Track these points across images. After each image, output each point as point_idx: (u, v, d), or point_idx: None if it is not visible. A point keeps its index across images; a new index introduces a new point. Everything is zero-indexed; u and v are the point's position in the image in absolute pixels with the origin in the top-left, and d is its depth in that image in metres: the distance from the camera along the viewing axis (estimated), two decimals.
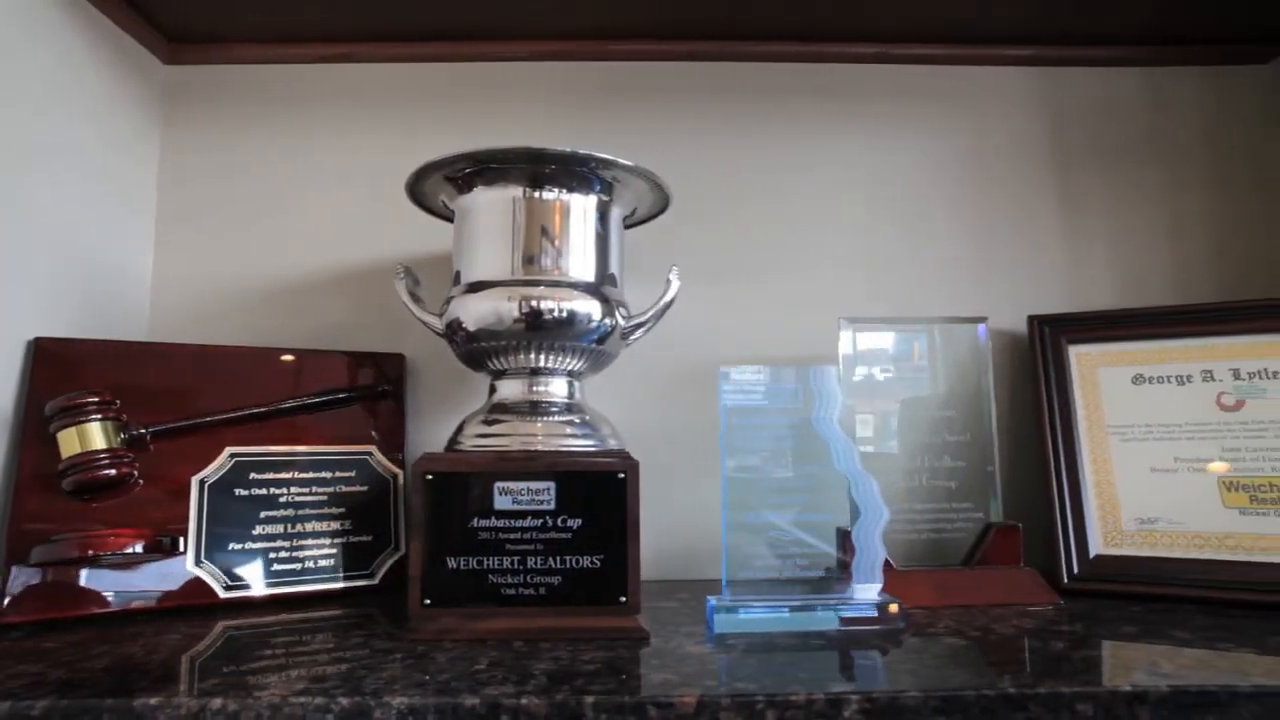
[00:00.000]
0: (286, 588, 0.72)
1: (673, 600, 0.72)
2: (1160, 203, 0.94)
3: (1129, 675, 0.51)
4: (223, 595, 0.70)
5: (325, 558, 0.75)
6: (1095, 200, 0.94)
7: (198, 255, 0.90)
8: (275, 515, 0.74)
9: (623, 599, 0.60)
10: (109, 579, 0.66)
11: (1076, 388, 0.81)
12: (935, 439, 0.79)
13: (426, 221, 0.80)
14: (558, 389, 0.70)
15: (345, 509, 0.76)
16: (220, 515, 0.72)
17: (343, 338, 0.87)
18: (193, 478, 0.71)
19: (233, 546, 0.71)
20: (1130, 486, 0.76)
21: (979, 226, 0.93)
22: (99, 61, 0.82)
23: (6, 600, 0.63)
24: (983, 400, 0.79)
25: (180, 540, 0.69)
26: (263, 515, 0.73)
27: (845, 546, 0.65)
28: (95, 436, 0.66)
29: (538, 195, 0.68)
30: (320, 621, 0.66)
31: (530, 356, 0.68)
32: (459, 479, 0.61)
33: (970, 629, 0.62)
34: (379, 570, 0.76)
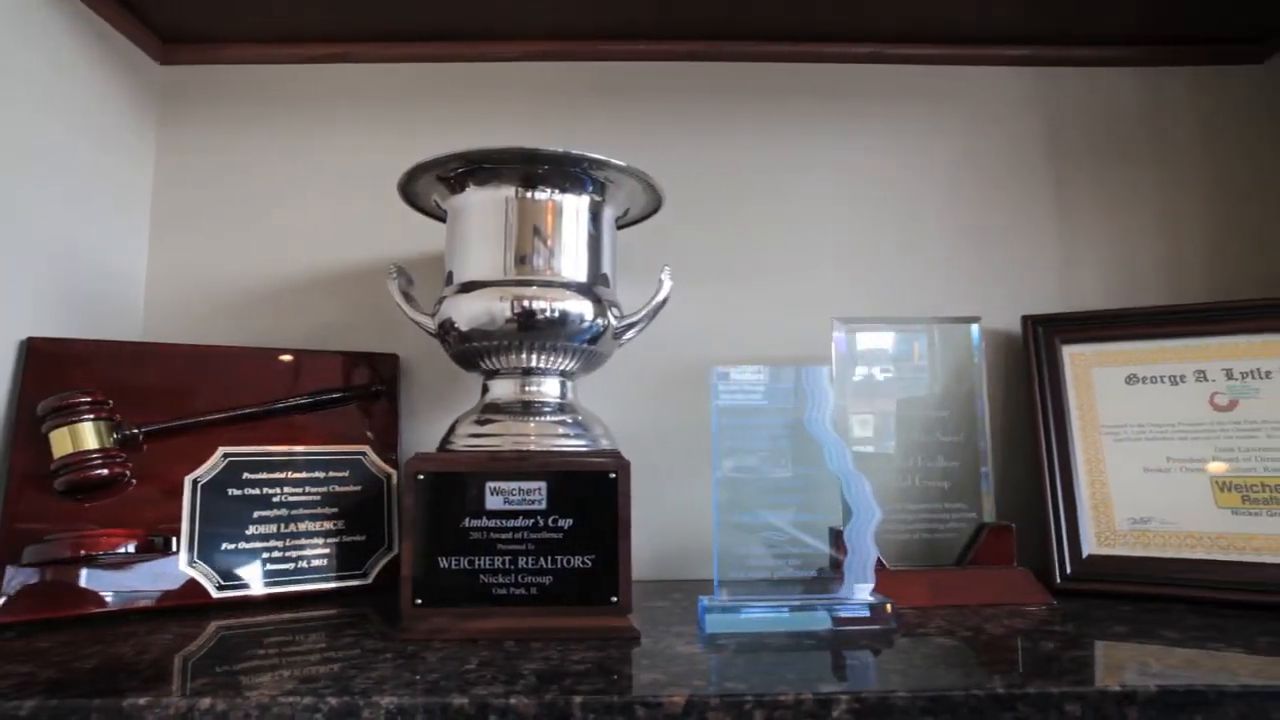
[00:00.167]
0: (280, 587, 0.72)
1: (665, 600, 0.72)
2: (1154, 202, 0.94)
3: (1118, 675, 0.51)
4: (215, 595, 0.70)
5: (318, 557, 0.75)
6: (1089, 200, 0.94)
7: (192, 255, 0.90)
8: (268, 515, 0.74)
9: (614, 599, 0.60)
10: (101, 579, 0.66)
11: (1070, 387, 0.81)
12: (929, 439, 0.79)
13: (420, 222, 0.80)
14: (550, 389, 0.70)
15: (339, 509, 0.76)
16: (213, 515, 0.72)
17: (337, 338, 0.87)
18: (186, 478, 0.71)
19: (226, 546, 0.71)
20: (1123, 486, 0.76)
21: (973, 226, 0.93)
22: (92, 62, 0.82)
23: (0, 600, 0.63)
24: (976, 400, 0.79)
25: (173, 540, 0.69)
26: (256, 515, 0.73)
27: (838, 547, 0.65)
28: (87, 436, 0.66)
29: (530, 195, 0.68)
30: (313, 621, 0.66)
31: (522, 356, 0.68)
32: (450, 479, 0.61)
33: (962, 629, 0.62)
34: (372, 570, 0.76)
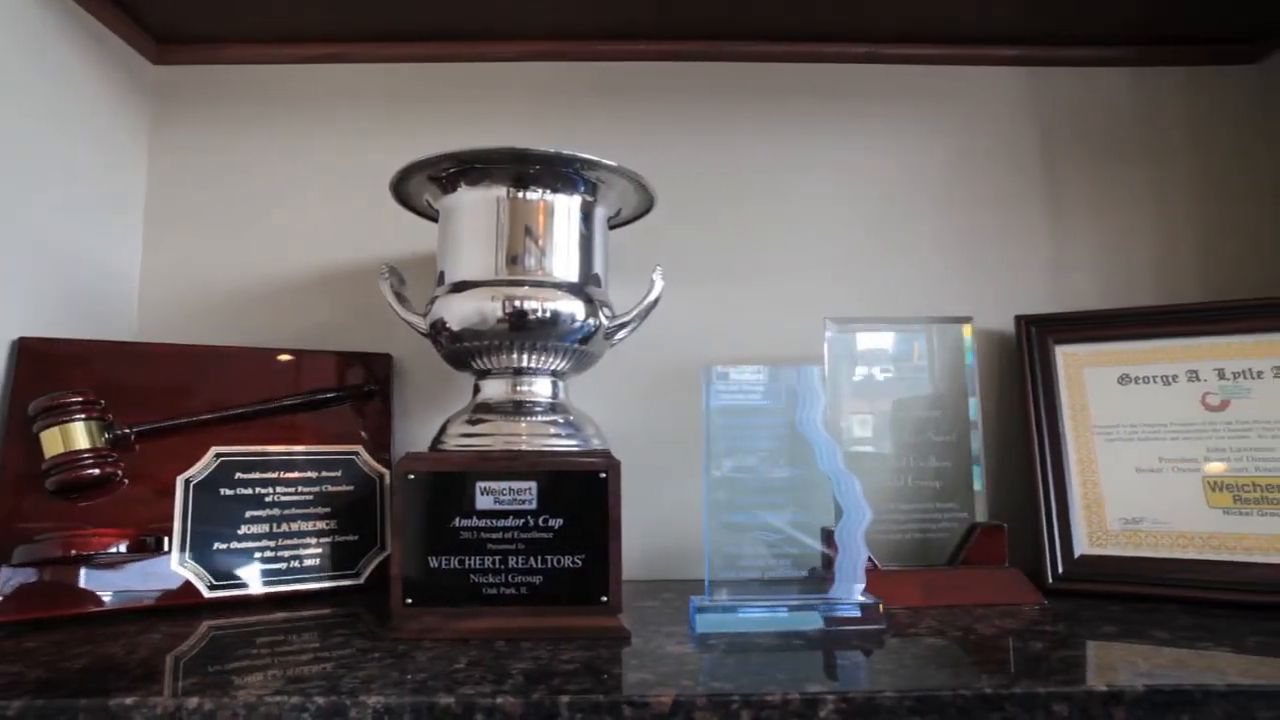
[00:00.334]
0: (272, 587, 0.72)
1: (656, 600, 0.72)
2: (1148, 203, 0.94)
3: (1106, 675, 0.51)
4: (207, 595, 0.70)
5: (311, 557, 0.75)
6: (1083, 200, 0.94)
7: (186, 255, 0.90)
8: (261, 515, 0.74)
9: (604, 599, 0.61)
10: (93, 578, 0.66)
11: (1063, 388, 0.81)
12: (921, 439, 0.79)
13: (414, 222, 0.80)
14: (541, 389, 0.70)
15: (331, 509, 0.76)
16: (205, 515, 0.72)
17: (330, 337, 0.87)
18: (178, 477, 0.72)
19: (218, 546, 0.71)
20: (1115, 486, 0.76)
21: (967, 226, 0.93)
22: (86, 62, 0.82)
23: None
24: (968, 400, 0.79)
25: (165, 540, 0.69)
26: (248, 515, 0.73)
27: (829, 547, 0.65)
28: (79, 436, 0.66)
29: (522, 195, 0.68)
30: (304, 621, 0.66)
31: (514, 356, 0.68)
32: (441, 479, 0.61)
33: (952, 629, 0.62)
34: (365, 570, 0.76)
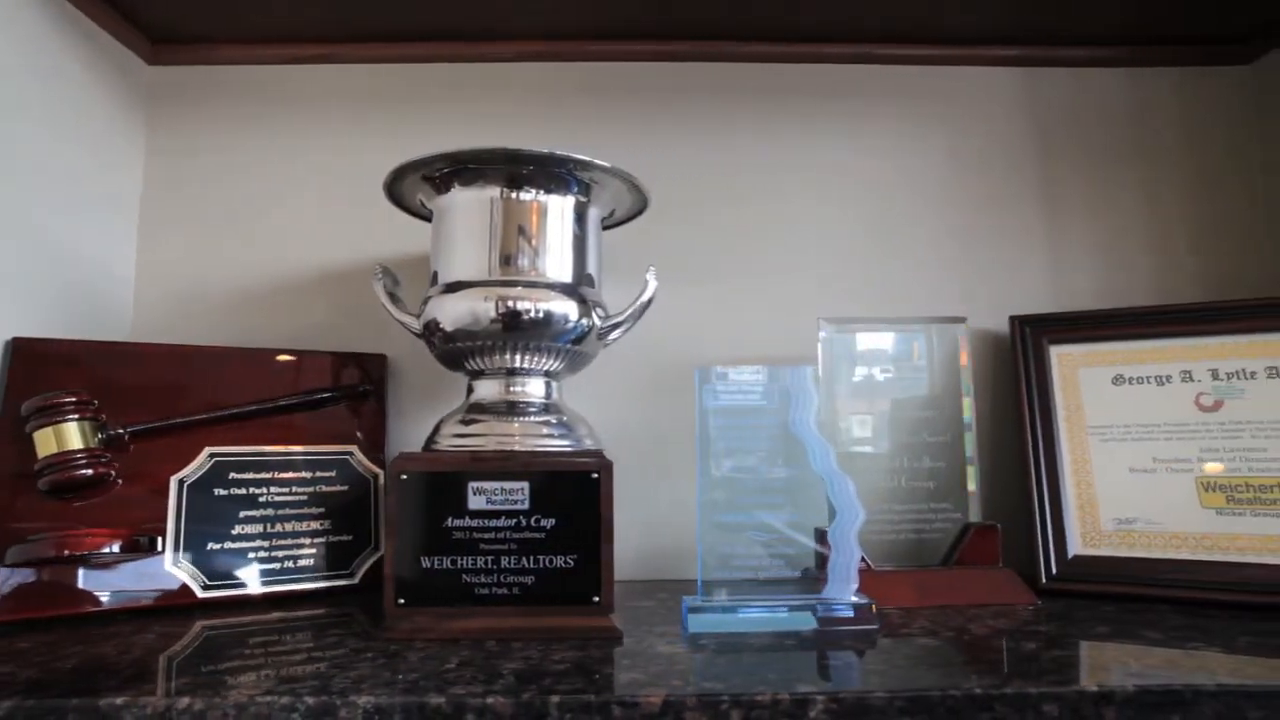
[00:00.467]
0: (266, 587, 0.72)
1: (650, 600, 0.72)
2: (1142, 203, 0.94)
3: (1096, 675, 0.51)
4: (201, 595, 0.70)
5: (305, 557, 0.75)
6: (1078, 200, 0.94)
7: (181, 255, 0.90)
8: (254, 515, 0.74)
9: (596, 599, 0.61)
10: (86, 579, 0.66)
11: (1057, 388, 0.81)
12: (915, 439, 0.79)
13: (409, 222, 0.80)
14: (535, 389, 0.70)
15: (325, 509, 0.76)
16: (199, 515, 0.72)
17: (325, 338, 0.87)
18: (172, 477, 0.72)
19: (212, 546, 0.71)
20: (1109, 487, 0.76)
21: (962, 227, 0.93)
22: (81, 62, 0.82)
23: None
24: (963, 401, 0.79)
25: (158, 540, 0.69)
26: (242, 515, 0.73)
27: (822, 547, 0.65)
28: (72, 436, 0.66)
29: (515, 196, 0.69)
30: (298, 621, 0.66)
31: (507, 357, 0.68)
32: (433, 479, 0.62)
33: (945, 629, 0.62)
34: (359, 570, 0.76)
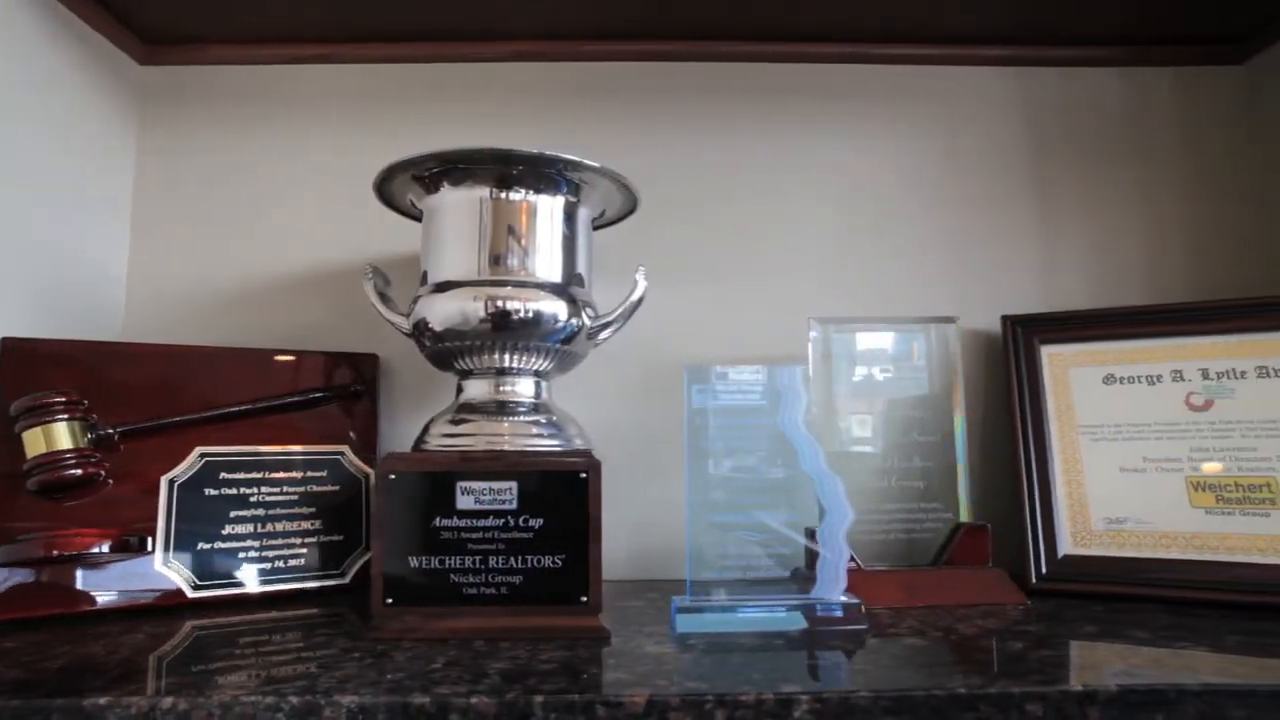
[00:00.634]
0: (256, 587, 0.72)
1: (640, 600, 0.72)
2: (1136, 203, 0.94)
3: (1082, 675, 0.51)
4: (191, 595, 0.70)
5: (295, 557, 0.75)
6: (1071, 200, 0.94)
7: (174, 256, 0.90)
8: (245, 515, 0.74)
9: (584, 599, 0.61)
10: (76, 578, 0.67)
11: (1048, 388, 0.81)
12: (905, 439, 0.79)
13: (401, 222, 0.80)
14: (524, 389, 0.70)
15: (317, 509, 0.76)
16: (189, 514, 0.72)
17: (317, 338, 0.87)
18: (162, 477, 0.72)
19: (202, 546, 0.71)
20: (1099, 486, 0.76)
21: (954, 226, 0.93)
22: (73, 63, 0.82)
23: None
24: (953, 400, 0.79)
25: (148, 540, 0.69)
26: (233, 515, 0.73)
27: (812, 545, 0.65)
28: (61, 436, 0.66)
29: (505, 196, 0.69)
30: (288, 621, 0.66)
31: (496, 357, 0.68)
32: (422, 479, 0.62)
33: (933, 629, 0.62)
34: (350, 570, 0.76)
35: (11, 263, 0.74)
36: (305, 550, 0.75)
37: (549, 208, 0.70)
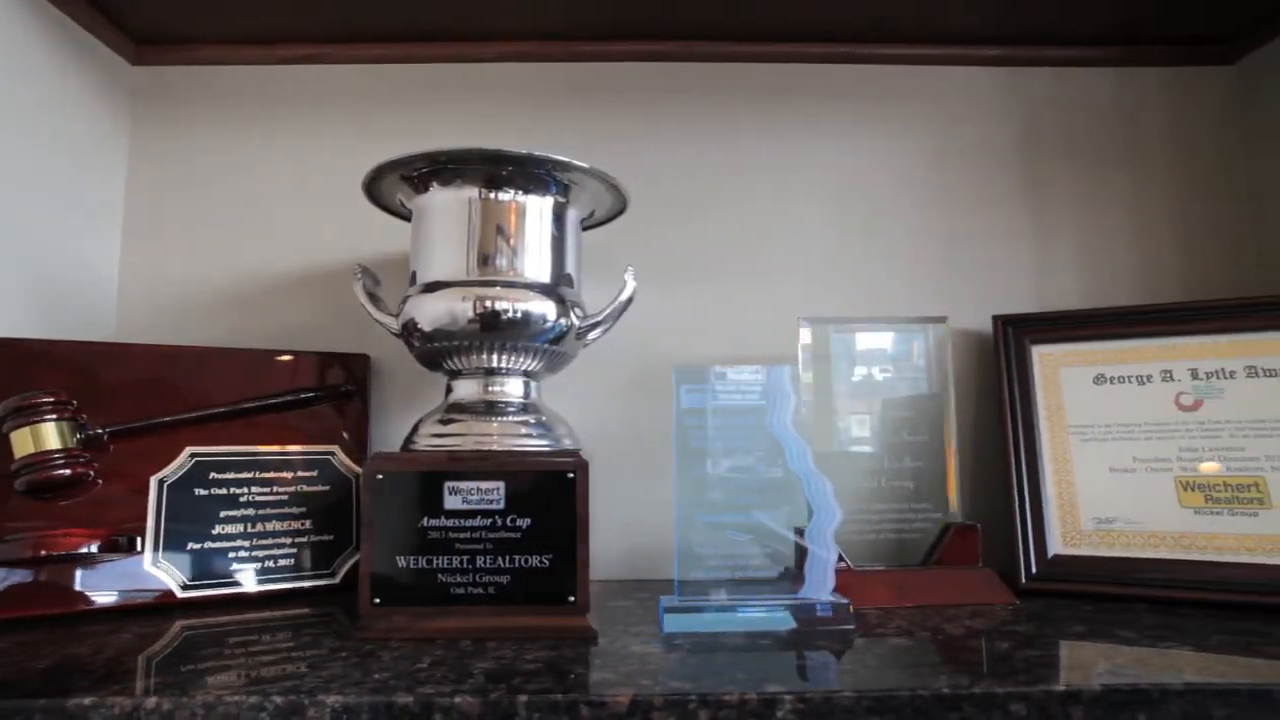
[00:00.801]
0: (246, 587, 0.72)
1: (629, 600, 0.72)
2: (1128, 203, 0.94)
3: (1068, 675, 0.51)
4: (180, 595, 0.70)
5: (285, 557, 0.75)
6: (1063, 200, 0.94)
7: (165, 256, 0.90)
8: (235, 515, 0.74)
9: (571, 599, 0.61)
10: (65, 578, 0.67)
11: (1039, 387, 0.81)
12: (896, 439, 0.79)
13: (391, 222, 0.80)
14: (513, 389, 0.70)
15: (307, 509, 0.76)
16: (179, 514, 0.72)
17: (308, 338, 0.87)
18: (152, 477, 0.72)
19: (192, 546, 0.71)
20: (1089, 486, 0.76)
21: (946, 226, 0.93)
22: (63, 64, 0.82)
23: None
24: (944, 400, 0.79)
25: (137, 540, 0.69)
26: (223, 515, 0.73)
27: (800, 547, 0.65)
28: (49, 437, 0.67)
29: (494, 196, 0.69)
30: (277, 621, 0.66)
31: (485, 357, 0.68)
32: (409, 479, 0.62)
33: (920, 629, 0.62)
34: (340, 570, 0.76)
35: (2, 263, 0.74)
36: (295, 550, 0.75)
37: (538, 208, 0.70)
